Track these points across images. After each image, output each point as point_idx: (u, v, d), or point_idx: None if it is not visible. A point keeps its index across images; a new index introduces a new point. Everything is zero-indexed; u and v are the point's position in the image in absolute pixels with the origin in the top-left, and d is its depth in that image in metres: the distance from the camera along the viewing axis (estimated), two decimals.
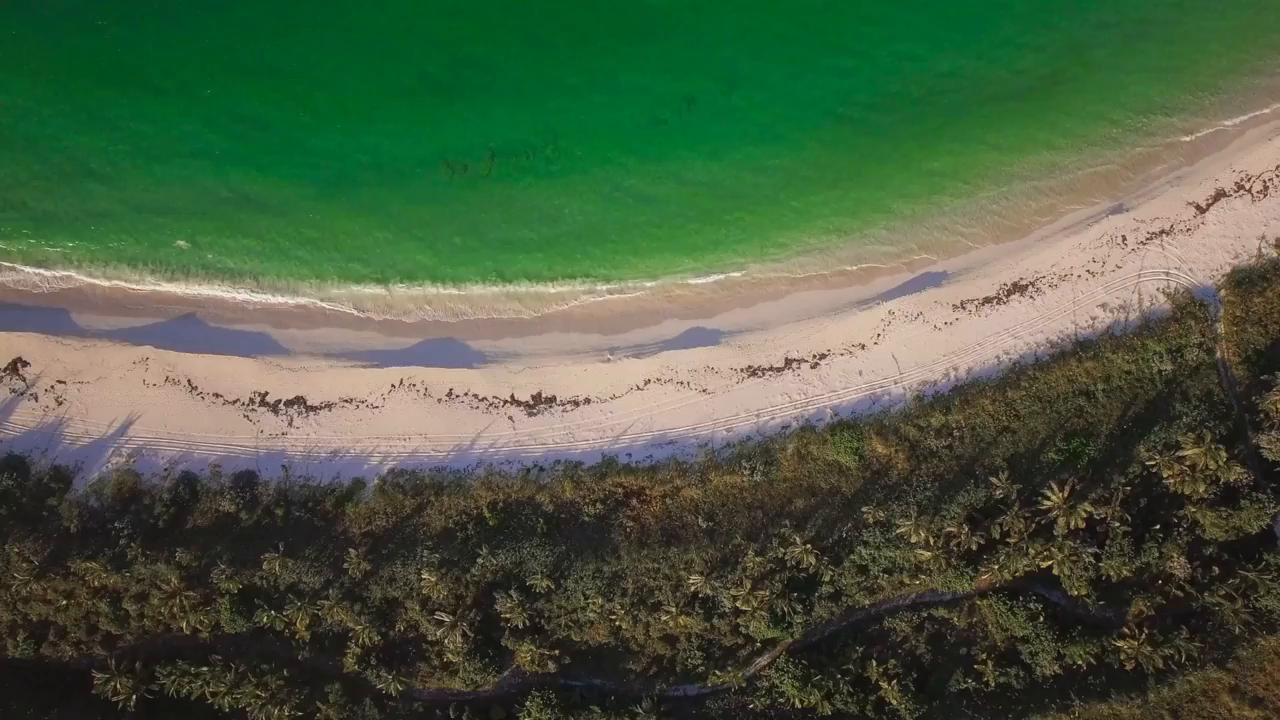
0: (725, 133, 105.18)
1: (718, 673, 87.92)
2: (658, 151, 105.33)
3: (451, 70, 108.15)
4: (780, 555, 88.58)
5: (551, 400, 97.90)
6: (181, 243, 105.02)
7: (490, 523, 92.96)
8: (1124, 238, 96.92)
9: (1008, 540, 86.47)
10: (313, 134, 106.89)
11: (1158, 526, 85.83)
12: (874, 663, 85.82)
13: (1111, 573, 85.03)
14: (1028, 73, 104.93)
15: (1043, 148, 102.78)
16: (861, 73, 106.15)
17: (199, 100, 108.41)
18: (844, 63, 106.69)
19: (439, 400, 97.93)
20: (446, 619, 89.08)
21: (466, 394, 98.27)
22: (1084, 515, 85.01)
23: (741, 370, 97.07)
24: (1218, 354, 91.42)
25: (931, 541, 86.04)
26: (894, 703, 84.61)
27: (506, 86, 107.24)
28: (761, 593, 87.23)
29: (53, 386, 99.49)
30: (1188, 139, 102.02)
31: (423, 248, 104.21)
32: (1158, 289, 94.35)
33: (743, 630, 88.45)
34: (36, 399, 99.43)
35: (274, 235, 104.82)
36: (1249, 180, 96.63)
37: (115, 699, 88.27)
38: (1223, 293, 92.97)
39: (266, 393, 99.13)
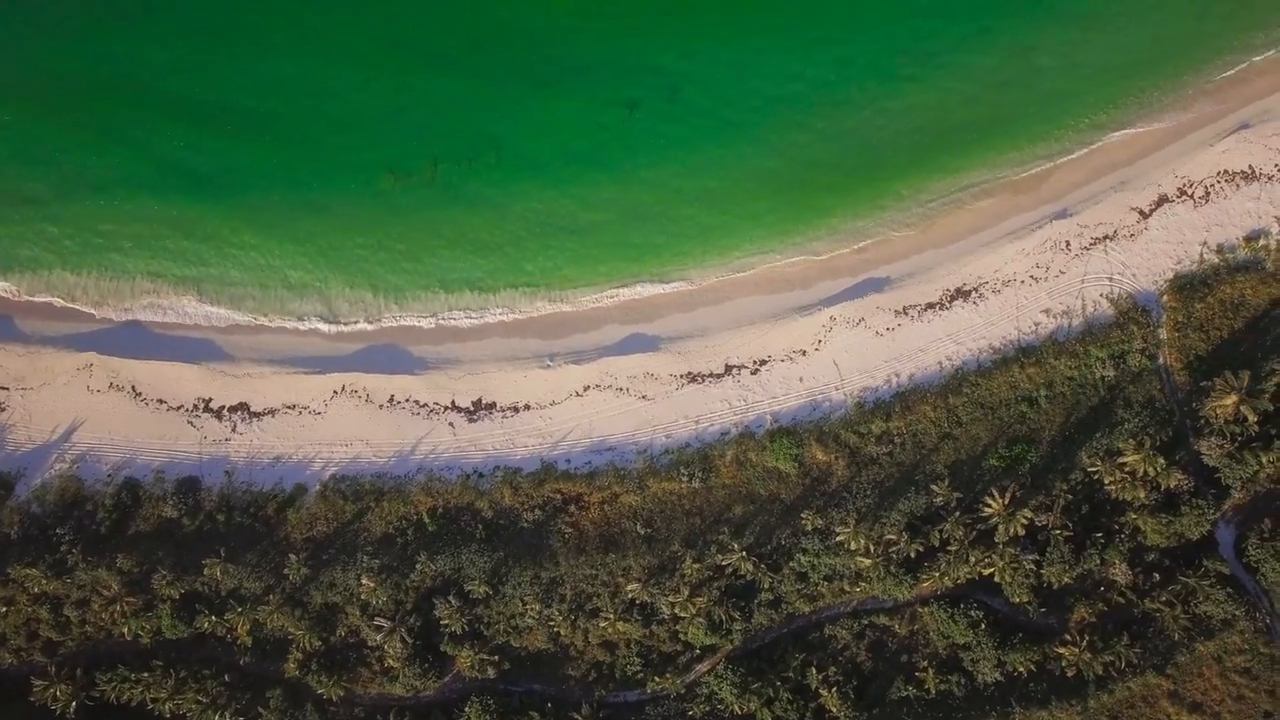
0: (666, 154, 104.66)
1: (657, 679, 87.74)
2: (601, 169, 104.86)
3: (395, 95, 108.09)
4: (718, 562, 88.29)
5: (492, 406, 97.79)
6: (126, 244, 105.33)
7: (430, 528, 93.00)
8: (1068, 243, 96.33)
9: (948, 547, 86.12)
10: (254, 161, 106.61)
11: (1099, 533, 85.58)
12: (814, 670, 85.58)
13: (1053, 579, 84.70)
14: (978, 98, 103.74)
15: (988, 165, 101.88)
16: (808, 96, 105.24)
17: (139, 130, 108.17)
18: (792, 87, 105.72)
19: (380, 406, 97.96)
20: (386, 624, 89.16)
21: (408, 400, 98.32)
22: (1025, 522, 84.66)
23: (681, 376, 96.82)
24: (1160, 360, 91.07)
25: (871, 549, 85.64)
26: (834, 710, 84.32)
27: (450, 112, 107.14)
28: (699, 600, 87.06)
29: None
30: (1126, 141, 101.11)
31: (364, 276, 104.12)
32: (1101, 294, 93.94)
33: (681, 637, 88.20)
34: None
35: (213, 263, 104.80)
36: (1191, 186, 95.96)
37: (54, 706, 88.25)
38: (1165, 298, 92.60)
39: (210, 399, 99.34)
